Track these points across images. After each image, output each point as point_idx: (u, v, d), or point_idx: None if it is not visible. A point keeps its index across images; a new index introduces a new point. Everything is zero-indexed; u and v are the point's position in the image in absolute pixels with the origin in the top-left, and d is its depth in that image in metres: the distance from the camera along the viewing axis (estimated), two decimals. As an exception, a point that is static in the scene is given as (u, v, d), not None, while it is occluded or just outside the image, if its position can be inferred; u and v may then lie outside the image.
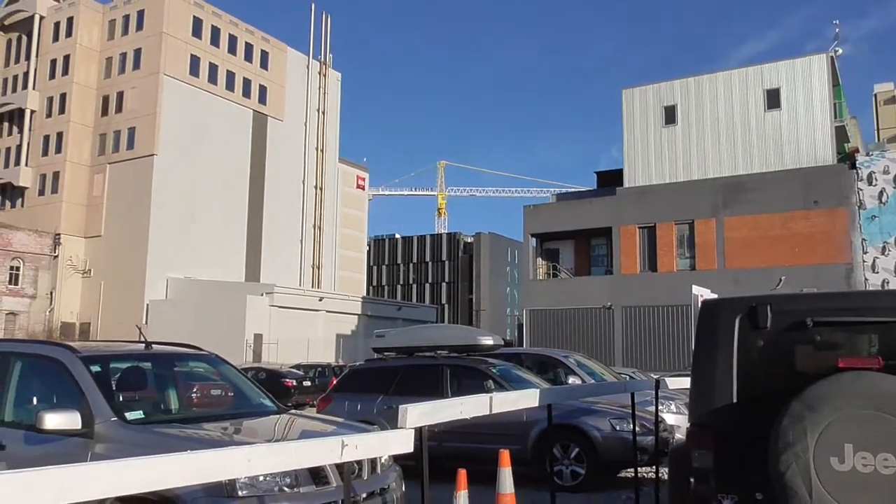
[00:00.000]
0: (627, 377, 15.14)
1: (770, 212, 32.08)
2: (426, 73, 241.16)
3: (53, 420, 4.92)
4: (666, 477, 8.16)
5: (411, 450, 4.02)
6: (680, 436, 10.64)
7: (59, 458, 4.79)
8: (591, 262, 38.39)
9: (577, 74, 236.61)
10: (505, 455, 5.26)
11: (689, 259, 34.51)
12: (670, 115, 36.57)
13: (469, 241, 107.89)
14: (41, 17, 60.54)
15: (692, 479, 4.56)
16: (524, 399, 5.92)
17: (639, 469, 8.26)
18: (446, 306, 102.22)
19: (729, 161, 34.90)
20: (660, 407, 8.65)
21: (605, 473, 9.46)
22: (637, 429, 7.87)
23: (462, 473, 4.82)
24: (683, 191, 34.70)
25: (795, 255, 30.90)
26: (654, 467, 8.67)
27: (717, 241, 33.38)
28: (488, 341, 10.74)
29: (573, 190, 55.45)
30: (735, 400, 4.48)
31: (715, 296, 8.22)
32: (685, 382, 9.18)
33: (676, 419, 11.32)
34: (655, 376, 12.18)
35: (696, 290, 10.79)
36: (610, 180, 39.75)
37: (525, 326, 37.77)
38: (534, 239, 39.14)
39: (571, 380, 12.04)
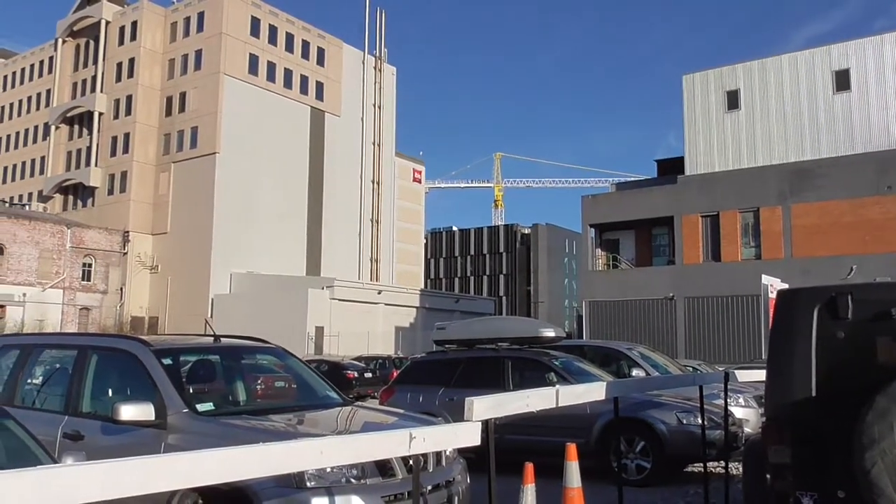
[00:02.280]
0: (692, 370, 14.82)
1: (840, 198, 30.92)
2: (481, 65, 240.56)
3: (129, 411, 5.06)
4: (735, 472, 7.96)
5: (478, 443, 3.99)
6: (748, 430, 10.35)
7: (134, 448, 4.94)
8: (653, 252, 37.69)
9: (633, 61, 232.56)
10: (572, 449, 5.19)
11: (754, 248, 33.56)
12: (733, 100, 35.57)
13: (526, 232, 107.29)
14: (107, 22, 62.57)
15: (769, 476, 4.41)
16: (591, 392, 5.82)
17: (707, 464, 8.06)
18: (504, 298, 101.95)
19: (795, 146, 33.77)
20: (728, 400, 8.41)
21: (671, 468, 9.27)
22: (705, 423, 7.67)
23: (529, 467, 4.76)
24: (748, 178, 33.73)
25: (867, 242, 29.72)
26: (723, 462, 8.45)
27: (783, 229, 32.35)
28: (550, 333, 10.63)
29: (632, 179, 54.58)
30: (814, 394, 4.31)
31: (786, 286, 7.94)
32: (754, 375, 8.93)
33: (745, 413, 11.02)
34: (721, 368, 11.89)
35: (765, 279, 10.45)
36: (670, 168, 38.93)
37: (584, 318, 37.35)
38: (593, 229, 38.62)
39: (635, 372, 11.83)
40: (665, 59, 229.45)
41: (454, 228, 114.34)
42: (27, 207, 63.04)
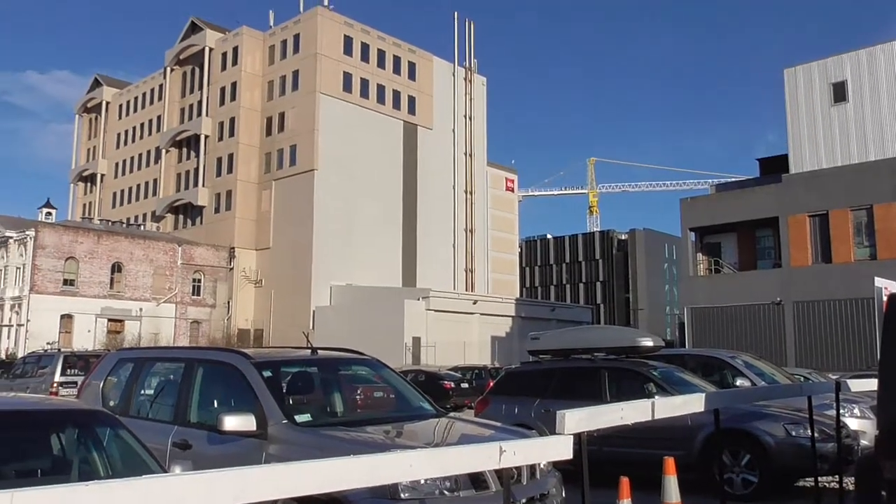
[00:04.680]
0: (802, 378, 14.08)
1: (965, 192, 28.76)
2: (571, 70, 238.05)
3: (231, 422, 5.29)
4: (851, 487, 7.51)
5: (570, 456, 3.94)
6: (866, 442, 9.76)
7: (237, 457, 5.15)
8: (757, 255, 36.15)
9: (727, 58, 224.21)
10: (670, 462, 5.05)
11: (868, 248, 31.65)
12: (839, 93, 33.75)
13: (623, 238, 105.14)
14: (210, 49, 65.87)
15: (884, 493, 4.15)
16: (689, 404, 5.64)
17: (819, 478, 7.65)
18: (602, 306, 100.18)
19: (912, 139, 31.67)
20: (841, 411, 7.96)
21: (780, 482, 8.84)
22: (816, 434, 7.29)
23: (625, 482, 4.66)
24: (859, 173, 31.88)
25: None
26: (836, 477, 8.00)
27: (901, 227, 30.37)
28: (648, 342, 10.36)
29: (733, 179, 52.59)
30: (932, 405, 4.03)
31: (902, 289, 7.46)
32: (870, 384, 8.41)
33: (861, 424, 10.39)
34: (833, 377, 11.26)
35: (878, 282, 9.84)
36: (774, 167, 37.27)
37: (686, 326, 36.18)
38: (692, 233, 37.42)
39: (739, 382, 11.35)
40: (762, 54, 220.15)
41: (549, 236, 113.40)
42: (142, 227, 67.01)
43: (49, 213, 62.67)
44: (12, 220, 57.36)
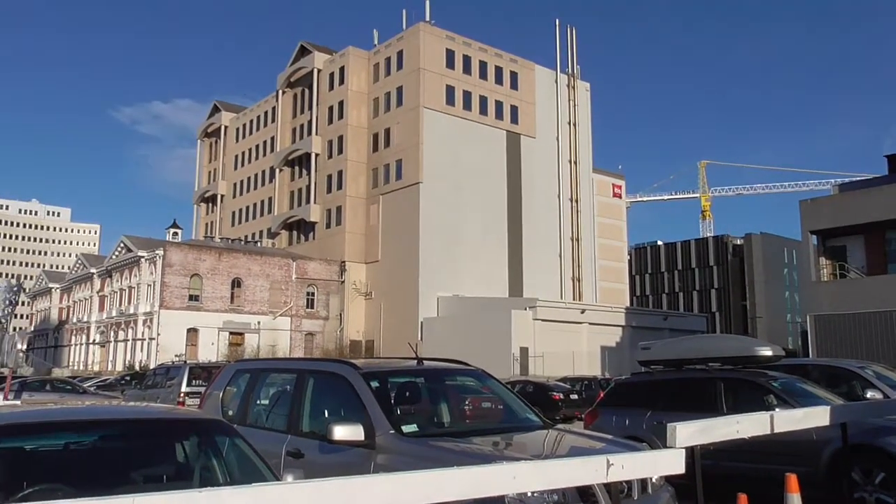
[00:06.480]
0: (943, 390, 12.98)
1: None
2: (677, 71, 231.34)
3: (340, 432, 5.40)
4: None
5: (682, 471, 3.78)
6: None
7: (346, 466, 5.26)
8: (888, 257, 33.70)
9: (843, 54, 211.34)
10: (793, 479, 4.76)
11: None
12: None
13: (738, 243, 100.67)
14: (318, 71, 68.38)
15: None
16: (812, 417, 5.31)
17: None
18: (717, 315, 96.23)
19: None
20: None
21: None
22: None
23: (742, 498, 4.43)
24: None
25: None
26: None
27: None
28: (766, 352, 9.84)
29: (858, 178, 49.44)
30: None
31: None
32: None
33: None
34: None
35: None
36: (905, 163, 34.75)
37: (810, 334, 34.15)
38: (814, 236, 35.35)
39: (870, 394, 10.61)
40: (883, 49, 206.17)
41: (659, 243, 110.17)
42: (259, 244, 70.16)
43: (176, 233, 66.64)
44: (143, 240, 61.43)
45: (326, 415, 6.41)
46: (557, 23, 70.40)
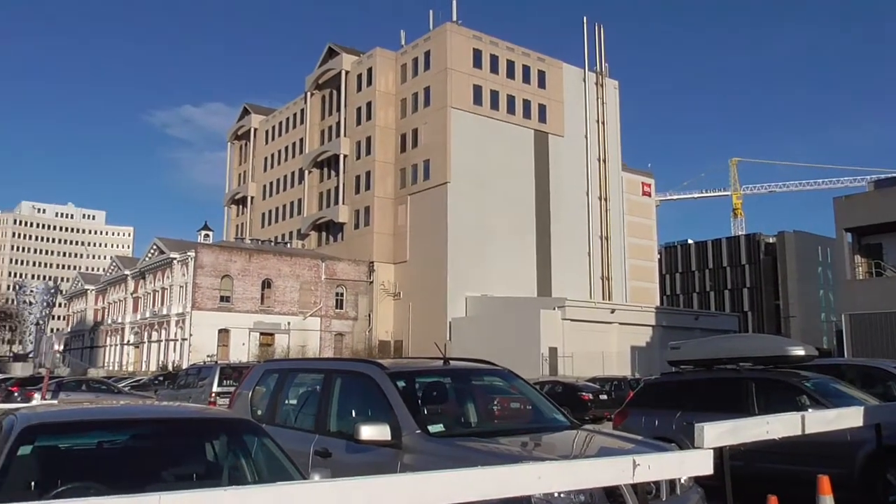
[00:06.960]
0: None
1: None
2: (707, 68, 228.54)
3: (367, 432, 5.43)
4: None
5: (710, 472, 3.73)
6: None
7: (373, 466, 5.28)
8: (926, 255, 32.96)
9: (877, 51, 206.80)
10: (825, 481, 4.68)
11: None
12: None
13: (771, 241, 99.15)
14: (346, 72, 68.74)
15: None
16: (845, 418, 5.22)
17: None
18: (749, 314, 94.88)
19: None
20: None
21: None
22: None
23: (773, 500, 4.37)
24: None
25: None
26: None
27: None
28: (798, 352, 9.68)
29: (894, 175, 48.38)
30: None
31: None
32: None
33: None
34: None
35: None
36: (943, 159, 33.93)
37: (845, 333, 33.51)
38: (849, 234, 34.68)
39: (907, 394, 10.39)
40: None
41: (689, 241, 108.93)
42: (288, 245, 70.73)
43: (207, 235, 67.45)
44: (175, 242, 62.29)
45: (353, 414, 6.44)
46: (585, 21, 70.03)
